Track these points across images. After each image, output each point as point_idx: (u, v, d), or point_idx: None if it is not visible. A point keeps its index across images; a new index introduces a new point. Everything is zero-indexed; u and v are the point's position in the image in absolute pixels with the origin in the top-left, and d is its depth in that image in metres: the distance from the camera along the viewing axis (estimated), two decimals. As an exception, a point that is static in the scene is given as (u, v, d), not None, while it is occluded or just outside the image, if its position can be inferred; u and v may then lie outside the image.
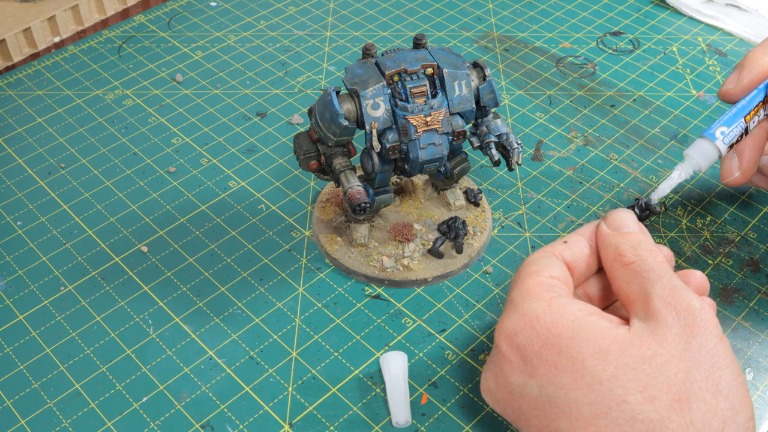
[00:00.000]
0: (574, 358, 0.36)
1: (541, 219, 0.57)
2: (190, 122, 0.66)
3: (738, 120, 0.48)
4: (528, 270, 0.41)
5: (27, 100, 0.68)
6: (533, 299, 0.39)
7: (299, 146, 0.50)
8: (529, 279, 0.40)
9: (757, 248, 0.55)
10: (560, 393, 0.36)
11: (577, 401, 0.36)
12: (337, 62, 0.72)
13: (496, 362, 0.40)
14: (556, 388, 0.36)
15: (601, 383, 0.35)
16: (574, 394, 0.36)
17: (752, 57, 0.51)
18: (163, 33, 0.76)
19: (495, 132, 0.50)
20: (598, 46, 0.74)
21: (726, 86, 0.51)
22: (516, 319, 0.38)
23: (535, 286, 0.39)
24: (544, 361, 0.37)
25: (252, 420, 0.45)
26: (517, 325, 0.38)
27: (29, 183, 0.60)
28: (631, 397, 0.35)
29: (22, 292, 0.52)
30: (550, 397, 0.37)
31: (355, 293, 0.52)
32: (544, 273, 0.40)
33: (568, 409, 0.36)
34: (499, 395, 0.40)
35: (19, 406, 0.46)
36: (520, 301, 0.39)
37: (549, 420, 0.37)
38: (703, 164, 0.48)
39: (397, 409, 0.45)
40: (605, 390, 0.35)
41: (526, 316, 0.38)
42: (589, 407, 0.35)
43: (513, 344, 0.38)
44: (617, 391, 0.35)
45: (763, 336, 0.50)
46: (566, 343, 0.37)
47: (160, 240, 0.56)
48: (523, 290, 0.40)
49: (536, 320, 0.38)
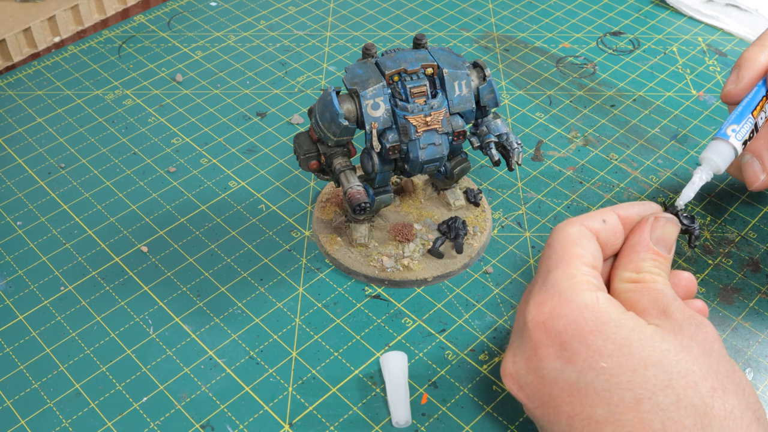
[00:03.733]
0: (621, 343, 0.37)
1: (541, 219, 0.57)
2: (190, 122, 0.66)
3: (746, 116, 0.49)
4: (573, 251, 0.40)
5: (27, 100, 0.68)
6: (581, 288, 0.38)
7: (299, 146, 0.50)
8: (575, 263, 0.40)
9: (757, 248, 0.55)
10: (601, 379, 0.36)
11: (620, 386, 0.36)
12: (337, 62, 0.72)
13: (528, 346, 0.39)
14: (597, 373, 0.36)
15: (646, 368, 0.36)
16: (617, 379, 0.36)
17: (748, 56, 0.51)
18: (163, 33, 0.76)
19: (495, 132, 0.50)
20: (598, 46, 0.74)
21: (727, 87, 0.51)
22: (558, 304, 0.38)
23: (581, 274, 0.39)
24: (586, 347, 0.37)
25: (252, 420, 0.45)
26: (559, 310, 0.38)
27: (29, 183, 0.60)
28: (675, 382, 0.35)
29: (22, 292, 0.52)
30: (589, 384, 0.37)
31: (355, 293, 0.52)
32: (587, 257, 0.40)
33: (608, 395, 0.36)
34: (527, 380, 0.39)
35: (19, 406, 0.46)
36: (565, 287, 0.39)
37: (583, 407, 0.37)
38: (721, 164, 0.48)
39: (397, 409, 0.45)
40: (650, 375, 0.36)
41: (573, 302, 0.38)
42: (631, 392, 0.36)
43: (551, 329, 0.38)
44: (661, 376, 0.36)
45: (763, 336, 0.50)
46: (613, 330, 0.37)
47: (160, 240, 0.56)
48: (568, 273, 0.39)
49: (585, 308, 0.38)
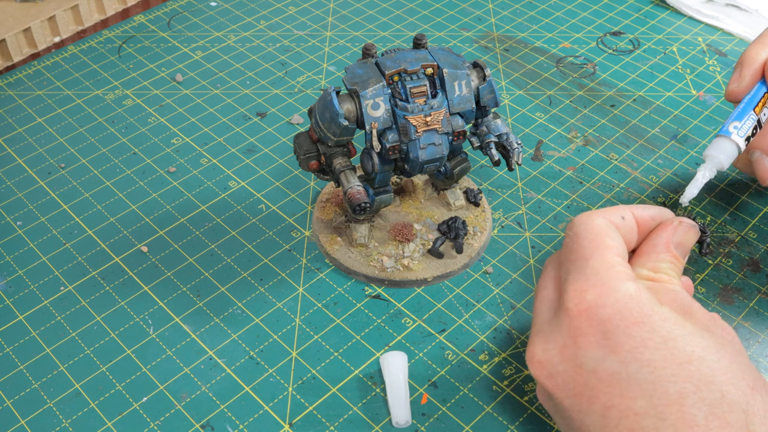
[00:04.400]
0: (666, 337, 0.36)
1: (541, 219, 0.57)
2: (190, 122, 0.66)
3: (748, 113, 0.49)
4: (606, 242, 0.40)
5: (27, 100, 0.68)
6: (623, 278, 0.38)
7: (299, 146, 0.50)
8: (611, 254, 0.40)
9: (757, 248, 0.55)
10: (646, 371, 0.36)
11: (665, 379, 0.36)
12: (337, 62, 0.72)
13: (564, 334, 0.39)
14: (641, 365, 0.36)
15: (691, 362, 0.36)
16: (662, 372, 0.36)
17: (749, 54, 0.52)
18: (163, 33, 0.76)
19: (495, 132, 0.50)
20: (598, 46, 0.74)
21: (730, 87, 0.52)
22: (602, 292, 0.38)
23: (619, 264, 0.39)
24: (631, 338, 0.37)
25: (252, 420, 0.45)
26: (604, 299, 0.38)
27: (29, 183, 0.60)
28: (718, 378, 0.35)
29: (22, 292, 0.52)
30: (632, 375, 0.36)
31: (355, 293, 0.52)
32: (618, 249, 0.40)
33: (651, 388, 0.36)
34: (561, 368, 0.38)
35: (19, 406, 0.46)
36: (608, 277, 0.38)
37: (623, 398, 0.36)
38: (725, 161, 0.48)
39: (397, 409, 0.45)
40: (694, 369, 0.36)
41: (618, 292, 0.38)
42: (676, 386, 0.35)
43: (594, 317, 0.38)
44: (705, 371, 0.35)
45: (763, 336, 0.50)
46: (658, 322, 0.37)
47: (160, 240, 0.56)
48: (607, 263, 0.39)
49: (630, 299, 0.37)
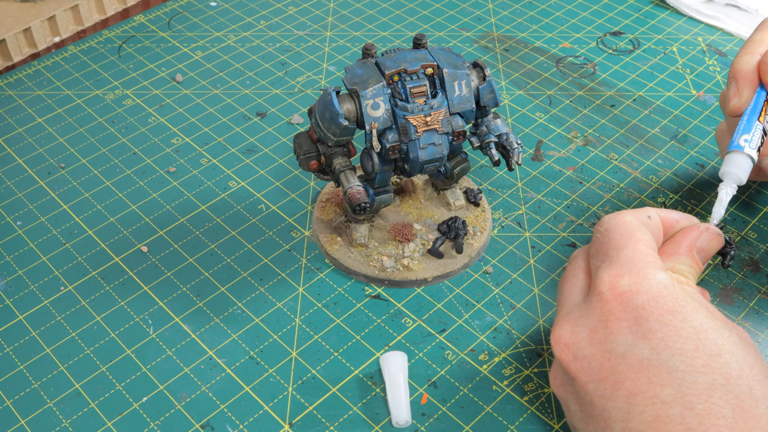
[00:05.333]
0: (698, 328, 0.37)
1: (541, 219, 0.57)
2: (190, 122, 0.66)
3: (753, 124, 0.49)
4: (637, 234, 0.41)
5: (27, 100, 0.68)
6: (657, 267, 0.39)
7: (299, 146, 0.50)
8: (642, 245, 0.40)
9: (757, 248, 0.55)
10: (678, 359, 0.36)
11: (695, 369, 0.36)
12: (337, 62, 0.72)
13: (595, 318, 0.39)
14: (673, 353, 0.36)
15: (721, 355, 0.36)
16: (693, 362, 0.36)
17: (740, 66, 0.51)
18: (163, 33, 0.76)
19: (495, 132, 0.50)
20: (598, 46, 0.74)
21: (732, 103, 0.51)
22: (637, 279, 0.38)
23: (651, 255, 0.40)
24: (664, 325, 0.37)
25: (252, 420, 0.45)
26: (639, 285, 0.38)
27: (29, 183, 0.60)
28: (746, 373, 0.36)
29: (22, 292, 0.52)
30: (663, 362, 0.36)
31: (355, 293, 0.52)
32: (651, 244, 0.41)
33: (681, 377, 0.36)
34: (588, 351, 0.39)
35: (19, 406, 0.46)
36: (642, 265, 0.39)
37: (651, 385, 0.36)
38: (743, 175, 0.48)
39: (397, 409, 0.45)
40: (724, 362, 0.36)
41: (653, 280, 0.38)
42: (705, 377, 0.36)
43: (629, 303, 0.38)
44: (734, 365, 0.36)
45: (763, 336, 0.50)
46: (691, 313, 0.37)
47: (160, 240, 0.56)
48: (640, 252, 0.40)
49: (664, 287, 0.38)
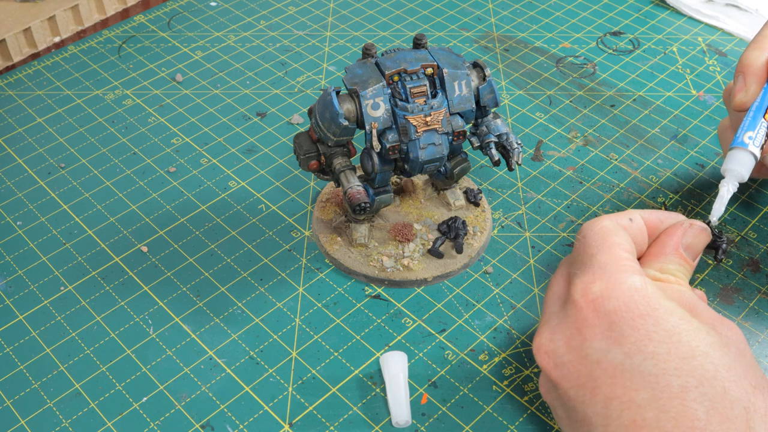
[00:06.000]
0: (670, 331, 0.37)
1: (541, 219, 0.57)
2: (190, 122, 0.66)
3: (758, 121, 0.49)
4: (612, 239, 0.41)
5: (27, 100, 0.68)
6: (629, 271, 0.39)
7: (299, 146, 0.50)
8: (617, 249, 0.40)
9: (757, 248, 0.55)
10: (650, 363, 0.36)
11: (668, 373, 0.36)
12: (337, 62, 0.72)
13: (571, 325, 0.39)
14: (645, 357, 0.36)
15: (694, 357, 0.36)
16: (665, 365, 0.36)
17: (748, 60, 0.50)
18: (163, 33, 0.76)
19: (495, 132, 0.50)
20: (598, 46, 0.74)
21: (738, 98, 0.51)
22: (609, 285, 0.38)
23: (625, 258, 0.40)
24: (636, 330, 0.37)
25: (252, 420, 0.45)
26: (610, 291, 0.38)
27: (29, 183, 0.60)
28: (721, 374, 0.36)
29: (22, 292, 0.52)
30: (635, 366, 0.36)
31: (355, 293, 0.52)
32: (627, 247, 0.41)
33: (654, 380, 0.36)
34: (566, 358, 0.39)
35: (19, 406, 0.46)
36: (614, 270, 0.39)
37: (625, 389, 0.36)
38: (744, 173, 0.48)
39: (397, 409, 0.45)
40: (698, 364, 0.36)
41: (624, 285, 0.38)
42: (678, 379, 0.36)
43: (600, 309, 0.38)
44: (708, 367, 0.36)
45: (763, 336, 0.50)
46: (663, 316, 0.37)
47: (160, 240, 0.56)
48: (614, 257, 0.40)
49: (635, 291, 0.38)
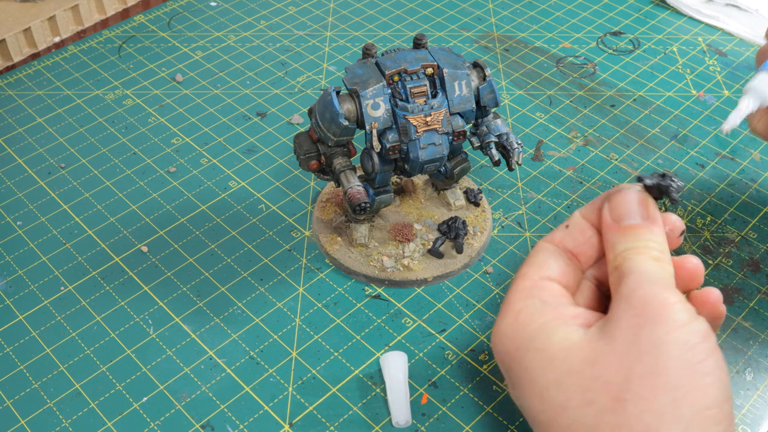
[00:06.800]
0: (527, 368, 0.36)
1: (541, 219, 0.57)
2: (190, 122, 0.66)
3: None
4: (519, 272, 0.40)
5: (27, 100, 0.68)
6: (506, 313, 0.38)
7: (299, 146, 0.50)
8: (516, 283, 0.39)
9: (757, 248, 0.55)
10: (525, 403, 0.37)
11: (533, 410, 0.36)
12: (337, 62, 0.72)
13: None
14: (522, 398, 0.37)
15: (548, 390, 0.36)
16: (529, 403, 0.36)
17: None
18: (163, 33, 0.76)
19: (495, 132, 0.50)
20: (598, 46, 0.74)
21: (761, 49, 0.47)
22: (493, 333, 0.39)
23: (516, 292, 0.39)
24: (512, 372, 0.38)
25: (252, 420, 0.45)
26: (494, 339, 0.39)
27: (29, 183, 0.60)
28: (570, 402, 0.35)
29: (22, 292, 0.52)
30: (521, 407, 0.38)
31: (355, 293, 0.52)
32: (532, 275, 0.39)
33: (531, 417, 0.37)
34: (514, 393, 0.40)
35: (19, 406, 0.46)
36: (499, 314, 0.39)
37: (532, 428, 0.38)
38: (767, 95, 0.44)
39: (397, 409, 0.45)
40: (550, 397, 0.35)
41: (498, 329, 0.38)
42: (542, 415, 0.36)
43: (497, 357, 0.39)
44: (559, 398, 0.35)
45: (763, 336, 0.50)
46: (522, 354, 0.37)
47: (160, 240, 0.56)
48: (506, 300, 0.39)
49: (503, 335, 0.38)
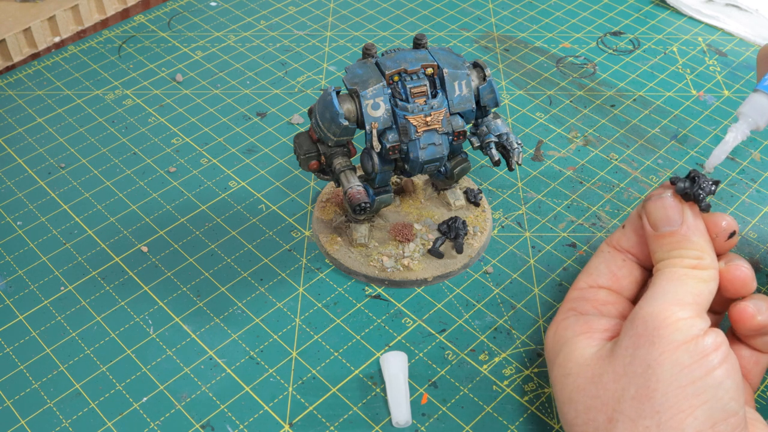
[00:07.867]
0: (552, 382, 0.39)
1: (541, 219, 0.57)
2: (190, 122, 0.66)
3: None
4: (577, 278, 0.43)
5: (27, 100, 0.68)
6: (552, 324, 0.42)
7: (299, 146, 0.50)
8: (568, 292, 0.43)
9: (757, 248, 0.55)
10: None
11: (562, 420, 0.38)
12: (337, 62, 0.72)
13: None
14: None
15: (563, 406, 0.37)
16: (559, 413, 0.39)
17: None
18: (163, 33, 0.76)
19: (495, 132, 0.50)
20: (598, 46, 0.74)
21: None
22: (544, 341, 0.43)
23: (565, 302, 0.42)
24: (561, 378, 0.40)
25: (252, 420, 0.45)
26: (544, 347, 0.42)
27: (29, 183, 0.60)
28: (576, 419, 0.35)
29: (22, 292, 0.52)
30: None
31: (355, 293, 0.52)
32: (582, 284, 0.42)
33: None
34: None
35: (19, 406, 0.46)
36: (551, 323, 0.43)
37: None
38: (761, 121, 0.42)
39: (397, 409, 0.45)
40: (564, 413, 0.37)
41: (545, 339, 0.42)
42: (564, 427, 0.38)
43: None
44: (569, 415, 0.36)
45: (763, 336, 0.50)
46: (551, 366, 0.40)
47: (160, 240, 0.56)
48: (559, 308, 0.43)
49: (546, 345, 0.41)
